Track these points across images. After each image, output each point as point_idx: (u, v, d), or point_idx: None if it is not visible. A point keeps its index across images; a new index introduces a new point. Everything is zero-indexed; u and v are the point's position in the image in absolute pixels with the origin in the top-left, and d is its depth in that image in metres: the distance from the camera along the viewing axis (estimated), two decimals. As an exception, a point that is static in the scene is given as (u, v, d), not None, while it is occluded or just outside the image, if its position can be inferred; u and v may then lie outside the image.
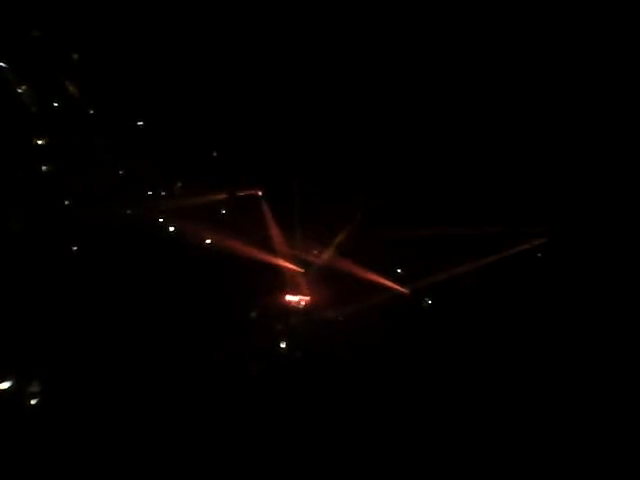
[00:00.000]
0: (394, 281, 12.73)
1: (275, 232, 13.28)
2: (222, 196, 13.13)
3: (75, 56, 12.04)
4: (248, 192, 13.33)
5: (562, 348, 10.88)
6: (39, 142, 11.85)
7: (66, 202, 11.91)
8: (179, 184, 13.20)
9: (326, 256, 13.33)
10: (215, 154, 13.33)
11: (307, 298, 13.00)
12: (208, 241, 12.89)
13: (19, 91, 11.42)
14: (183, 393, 10.03)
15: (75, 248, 11.66)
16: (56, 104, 12.00)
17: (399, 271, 12.99)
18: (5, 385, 9.29)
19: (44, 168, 11.79)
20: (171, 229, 12.85)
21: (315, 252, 13.47)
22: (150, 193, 13.01)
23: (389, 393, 10.46)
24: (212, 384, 10.37)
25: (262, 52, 12.01)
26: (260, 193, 13.36)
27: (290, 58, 11.95)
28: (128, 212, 12.52)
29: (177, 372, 10.40)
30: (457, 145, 12.25)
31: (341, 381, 10.66)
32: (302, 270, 13.31)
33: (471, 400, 10.17)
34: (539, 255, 12.11)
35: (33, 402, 9.35)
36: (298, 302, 12.97)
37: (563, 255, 11.78)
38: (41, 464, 7.98)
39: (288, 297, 13.02)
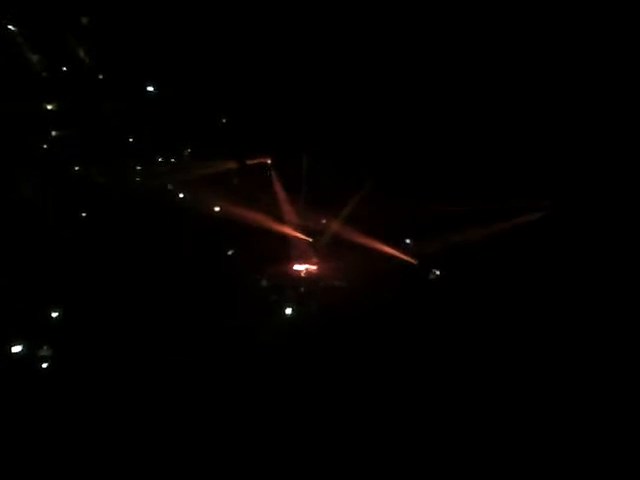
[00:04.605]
0: (402, 251, 12.68)
1: (284, 201, 13.24)
2: (231, 163, 13.06)
3: (85, 20, 11.90)
4: (257, 160, 13.24)
5: (573, 321, 10.80)
6: (49, 107, 11.84)
7: (76, 168, 11.98)
8: (188, 151, 13.15)
9: (334, 225, 13.29)
10: (224, 121, 13.22)
11: (315, 267, 13.04)
12: (217, 209, 12.90)
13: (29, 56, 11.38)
14: (193, 358, 10.19)
15: (85, 214, 11.77)
16: (65, 69, 11.93)
17: (408, 241, 12.94)
18: (17, 348, 9.53)
19: (54, 133, 11.82)
20: (180, 196, 12.87)
21: (324, 221, 13.45)
22: (160, 160, 12.98)
23: (394, 362, 10.54)
24: (222, 348, 10.53)
25: (273, 18, 11.80)
26: (269, 161, 13.27)
27: (300, 26, 11.72)
28: (137, 178, 12.57)
29: (187, 336, 10.57)
30: (469, 114, 12.01)
31: (347, 349, 10.75)
32: (310, 239, 13.31)
33: (473, 370, 10.19)
34: (548, 227, 11.93)
35: (44, 366, 9.61)
36: (306, 271, 13.01)
37: (572, 227, 11.61)
38: (50, 426, 8.19)
39: (296, 266, 13.06)
